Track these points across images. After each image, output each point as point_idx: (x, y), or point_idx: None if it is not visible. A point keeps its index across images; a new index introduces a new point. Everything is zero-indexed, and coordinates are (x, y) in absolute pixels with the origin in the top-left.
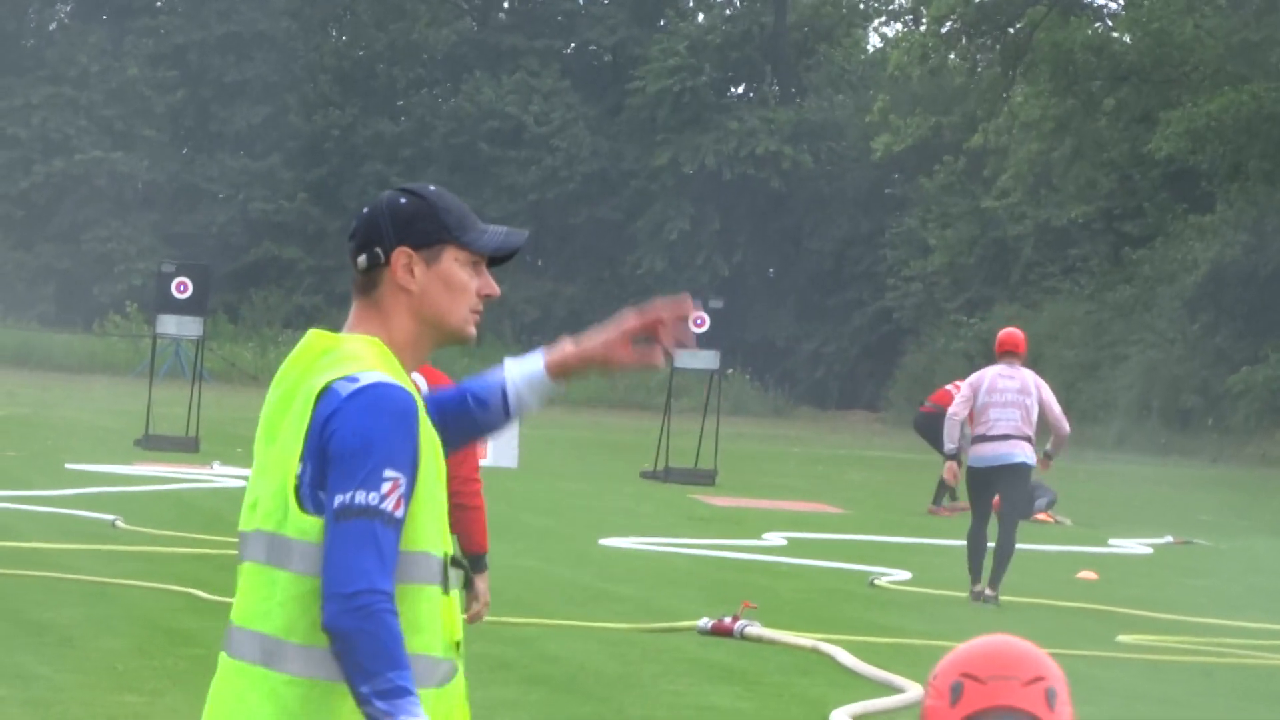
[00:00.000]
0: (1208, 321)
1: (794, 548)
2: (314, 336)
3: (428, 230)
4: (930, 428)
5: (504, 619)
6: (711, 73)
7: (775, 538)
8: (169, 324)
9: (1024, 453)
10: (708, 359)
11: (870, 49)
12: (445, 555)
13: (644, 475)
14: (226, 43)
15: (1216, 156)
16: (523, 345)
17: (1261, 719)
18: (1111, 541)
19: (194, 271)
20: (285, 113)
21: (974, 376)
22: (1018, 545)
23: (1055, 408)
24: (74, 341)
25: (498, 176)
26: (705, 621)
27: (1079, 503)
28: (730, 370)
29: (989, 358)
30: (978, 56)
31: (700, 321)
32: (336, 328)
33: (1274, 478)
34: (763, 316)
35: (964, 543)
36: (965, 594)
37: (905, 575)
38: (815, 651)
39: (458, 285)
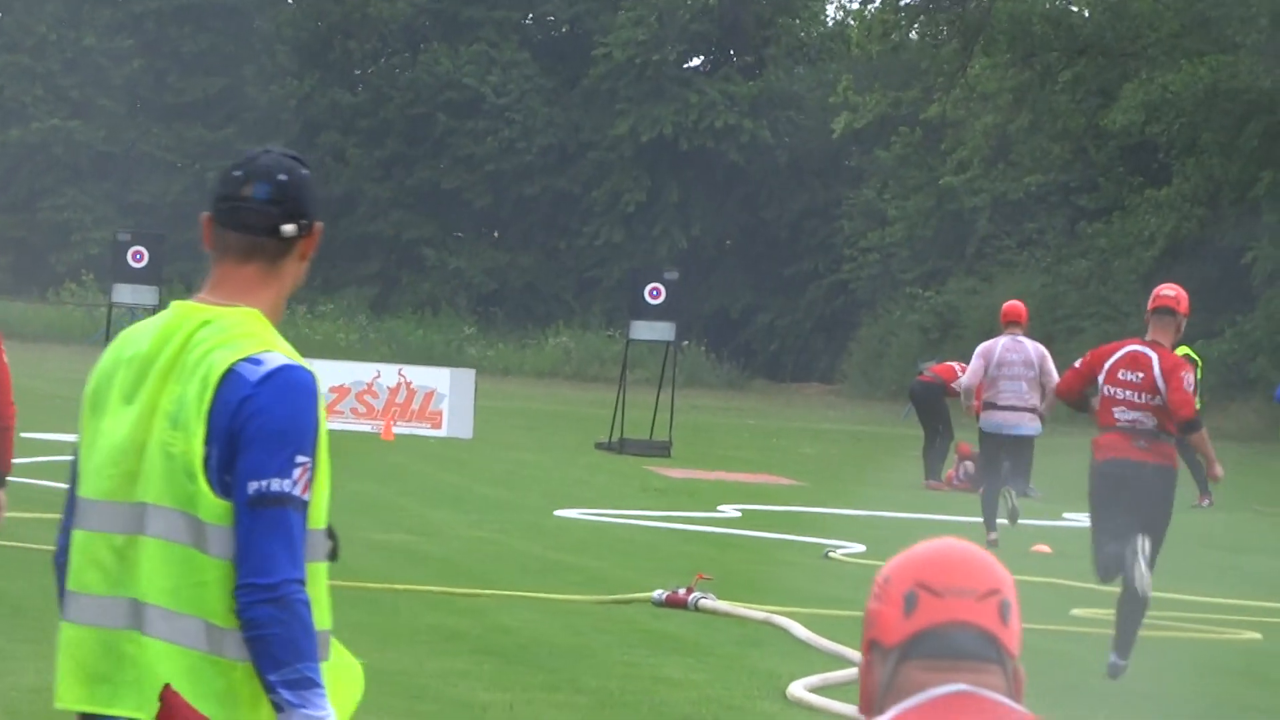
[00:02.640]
0: None
1: (748, 520)
2: (184, 308)
3: (320, 206)
4: (926, 398)
5: (458, 590)
6: (672, 44)
7: (730, 510)
8: (125, 293)
9: (1029, 424)
10: (663, 331)
11: (829, 21)
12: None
13: (599, 447)
14: (184, 13)
15: (1173, 130)
16: (479, 316)
17: (1214, 693)
18: (1066, 515)
19: (149, 240)
20: (242, 83)
21: (984, 346)
22: (976, 519)
23: (1055, 376)
24: (30, 310)
25: (455, 147)
26: (659, 593)
27: (1035, 476)
28: (686, 342)
29: (945, 330)
30: (942, 30)
31: (656, 293)
32: (296, 299)
33: (1229, 451)
34: (719, 288)
35: (915, 515)
36: None
37: (860, 548)
38: (769, 624)
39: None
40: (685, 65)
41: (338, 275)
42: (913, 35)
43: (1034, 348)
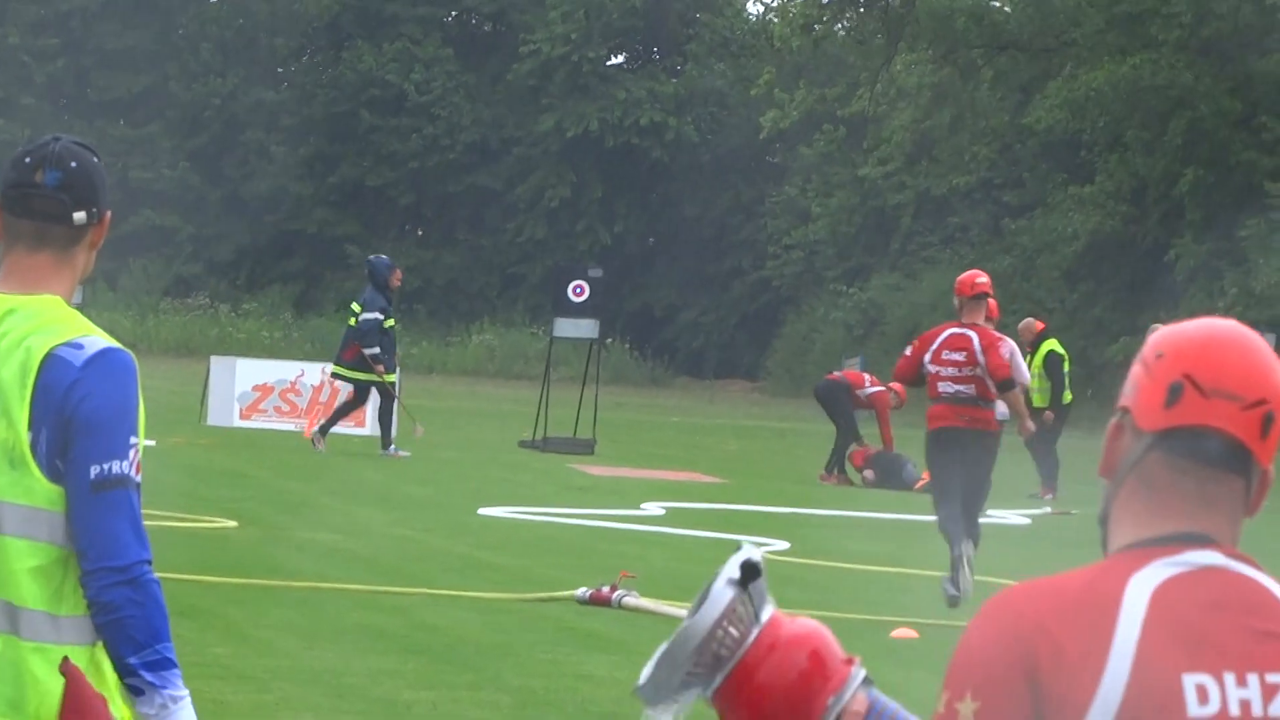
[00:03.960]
0: (1087, 292)
1: (672, 517)
2: None
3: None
4: (826, 396)
5: (382, 588)
6: (597, 42)
7: (653, 507)
8: None
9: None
10: (587, 328)
11: (751, 18)
12: None
13: (522, 445)
14: (108, 10)
15: (1096, 127)
16: (402, 314)
17: None
18: (990, 512)
19: None
20: (166, 81)
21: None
22: (902, 516)
23: (1023, 367)
24: None
25: (378, 145)
26: (583, 591)
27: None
28: (610, 339)
29: (869, 327)
30: (866, 26)
31: (580, 290)
32: (219, 297)
33: None
34: (643, 286)
35: (838, 512)
36: (839, 563)
37: (784, 545)
38: None
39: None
40: (609, 62)
41: (261, 273)
42: (837, 29)
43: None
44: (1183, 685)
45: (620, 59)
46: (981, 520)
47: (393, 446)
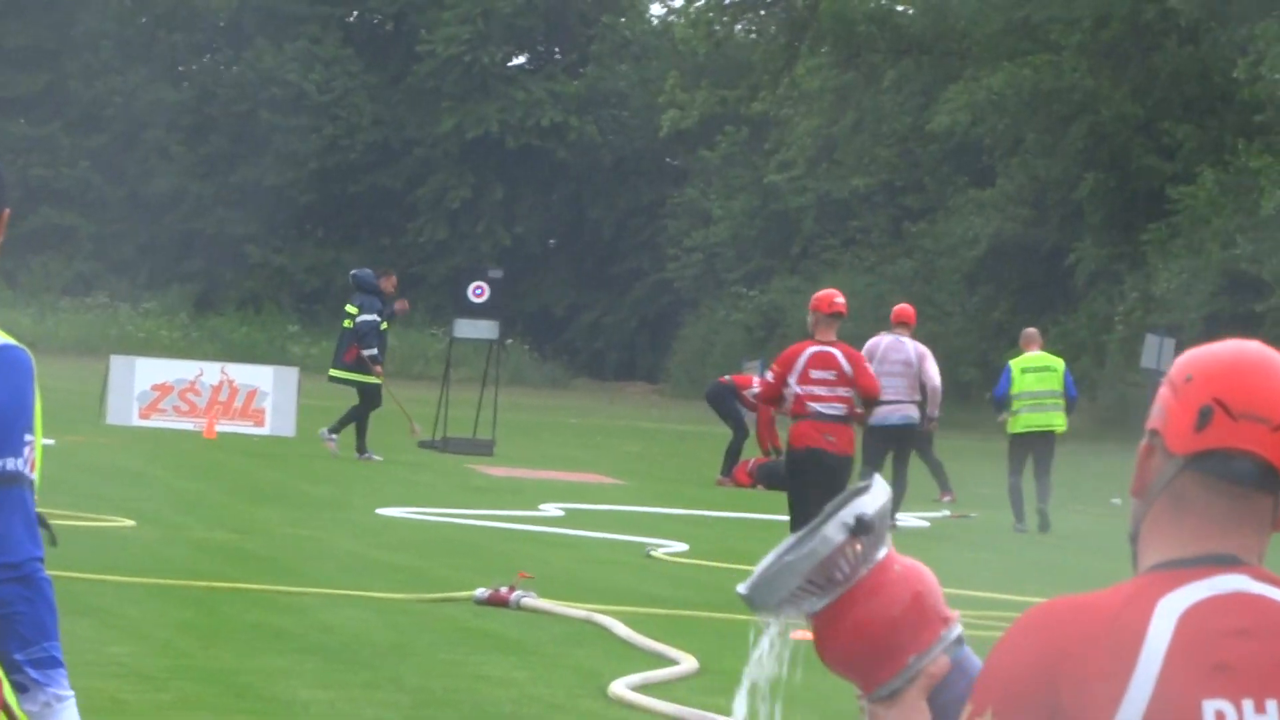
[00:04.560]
0: (987, 295)
1: (571, 518)
2: None
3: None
4: (714, 399)
5: (280, 587)
6: (498, 42)
7: (552, 508)
8: None
9: (910, 414)
10: (487, 329)
11: (653, 20)
12: None
13: (422, 445)
14: (7, 8)
15: (997, 131)
16: (302, 314)
17: None
18: (895, 516)
19: None
20: (66, 79)
21: (869, 344)
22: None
23: (933, 374)
24: None
25: (279, 145)
26: (481, 591)
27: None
28: (510, 340)
29: (769, 330)
30: (770, 29)
31: (480, 291)
32: (119, 296)
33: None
34: (543, 287)
35: (737, 514)
36: (739, 565)
37: (682, 546)
38: (590, 622)
39: None
40: (510, 63)
41: (161, 273)
42: (738, 29)
43: (915, 348)
44: (1201, 711)
45: (522, 60)
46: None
47: (368, 451)
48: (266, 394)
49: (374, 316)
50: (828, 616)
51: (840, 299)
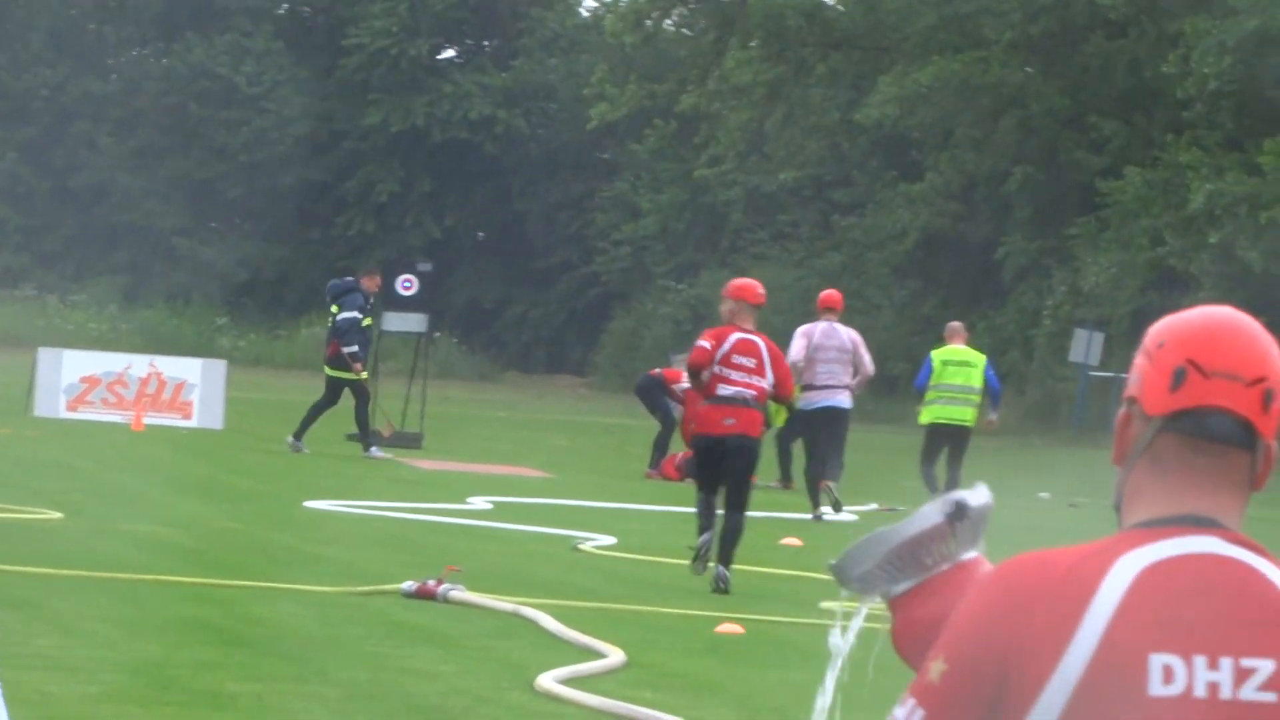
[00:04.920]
0: (916, 289)
1: (499, 512)
2: None
3: None
4: (643, 392)
5: (207, 580)
6: (426, 35)
7: (480, 501)
8: None
9: (845, 399)
10: (415, 322)
11: (584, 13)
12: None
13: (350, 438)
14: None
15: (926, 124)
16: (231, 307)
17: None
18: (823, 511)
19: None
20: None
21: (805, 329)
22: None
23: (867, 359)
24: None
25: (208, 137)
26: (409, 584)
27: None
28: (438, 334)
29: (698, 323)
30: (700, 24)
31: (409, 284)
32: (47, 288)
33: (977, 445)
34: (472, 280)
35: (665, 508)
36: (666, 559)
37: (610, 540)
38: (518, 616)
39: None
40: (439, 56)
41: (90, 265)
42: (667, 24)
43: (848, 334)
44: (1148, 664)
45: (452, 52)
46: (809, 517)
47: (374, 448)
48: (194, 386)
49: (355, 314)
50: (906, 602)
51: (761, 289)
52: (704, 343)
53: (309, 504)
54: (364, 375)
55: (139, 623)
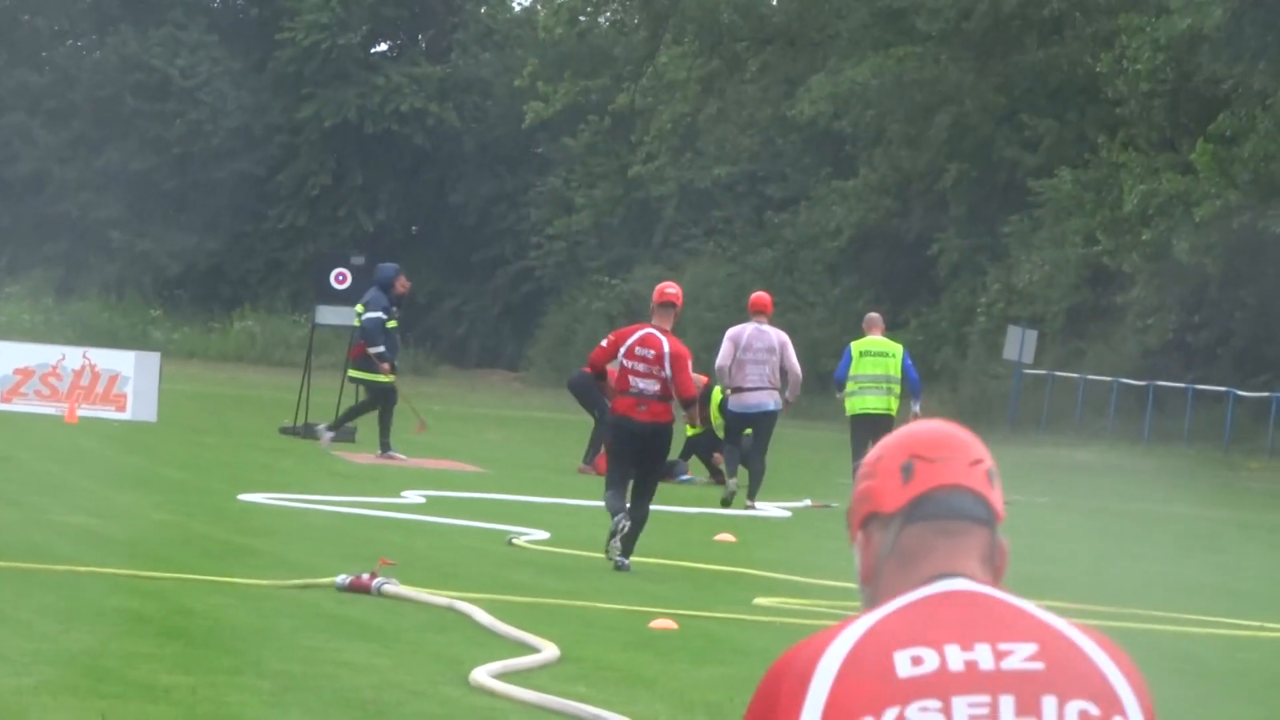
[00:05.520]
0: (850, 285)
1: (432, 506)
2: None
3: None
4: (583, 388)
5: (141, 572)
6: (359, 28)
7: (414, 495)
8: None
9: (773, 401)
10: (349, 315)
11: (517, 7)
12: None
13: (283, 431)
14: None
15: (860, 121)
16: (165, 299)
17: None
18: (754, 505)
19: None
20: None
21: (733, 331)
22: (662, 508)
23: (794, 360)
24: None
25: (143, 129)
26: (343, 578)
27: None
28: None
29: (631, 317)
30: (621, 18)
31: (342, 278)
32: None
33: None
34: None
35: (598, 503)
36: (600, 554)
37: (544, 534)
38: (452, 610)
39: None
40: (373, 49)
41: (24, 256)
42: (601, 21)
43: (776, 335)
44: (894, 658)
45: (384, 46)
46: (742, 513)
47: (392, 449)
48: (128, 379)
49: (379, 314)
50: None
51: (671, 289)
52: (604, 341)
53: (243, 497)
54: (392, 377)
55: (73, 614)
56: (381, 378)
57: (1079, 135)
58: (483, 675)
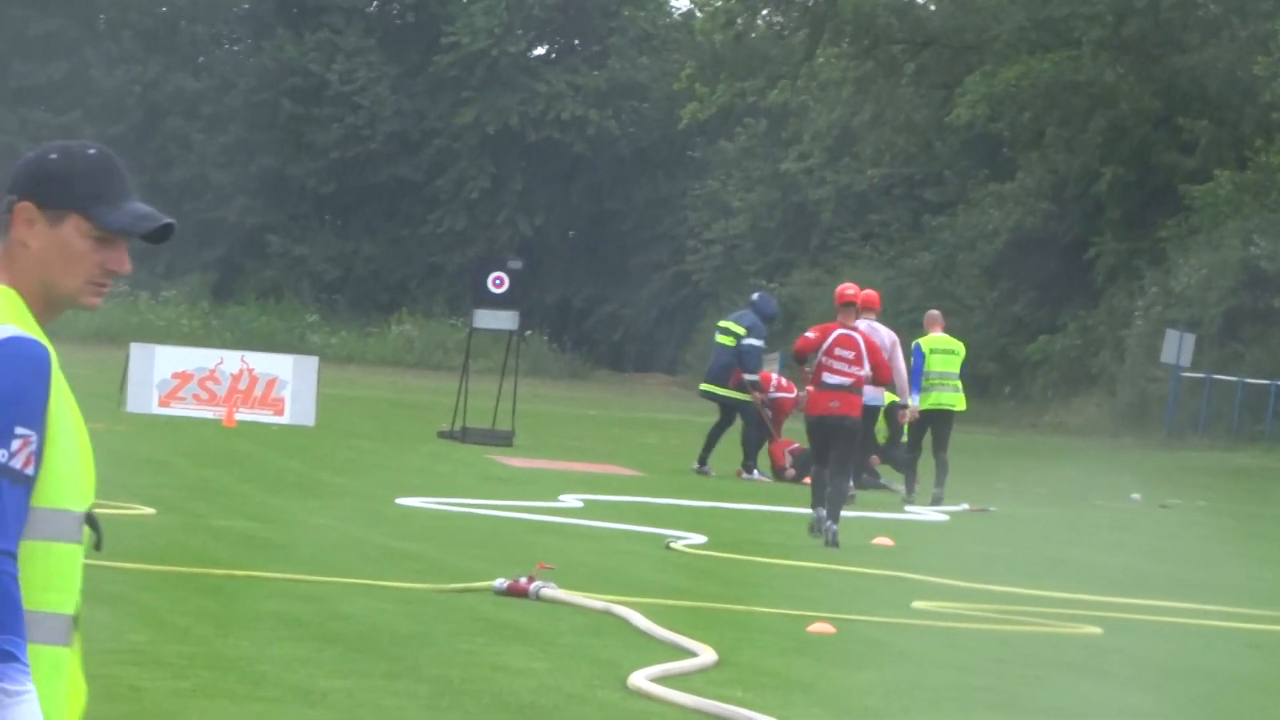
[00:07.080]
0: (1007, 289)
1: (590, 510)
2: None
3: (56, 192)
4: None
5: (298, 576)
6: (519, 34)
7: (571, 499)
8: None
9: (874, 397)
10: (506, 320)
11: (675, 13)
12: (86, 510)
13: (441, 435)
14: None
15: (1017, 124)
16: (322, 304)
17: (1054, 686)
18: (908, 508)
19: None
20: (86, 68)
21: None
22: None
23: (901, 362)
24: None
25: (299, 134)
26: (501, 582)
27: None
28: (529, 332)
29: (788, 322)
30: (779, 20)
31: (500, 282)
32: (139, 284)
33: (1069, 446)
34: (563, 278)
35: (756, 506)
36: (757, 557)
37: (700, 539)
38: (609, 614)
39: (74, 254)
40: (532, 54)
41: (181, 261)
42: (759, 23)
43: (888, 333)
44: None
45: (542, 51)
46: (900, 517)
47: (755, 471)
48: (286, 383)
49: (760, 342)
50: None
51: (849, 289)
52: (810, 333)
53: (401, 501)
54: (761, 400)
55: (230, 618)
56: (744, 396)
57: (1236, 138)
58: (640, 679)
